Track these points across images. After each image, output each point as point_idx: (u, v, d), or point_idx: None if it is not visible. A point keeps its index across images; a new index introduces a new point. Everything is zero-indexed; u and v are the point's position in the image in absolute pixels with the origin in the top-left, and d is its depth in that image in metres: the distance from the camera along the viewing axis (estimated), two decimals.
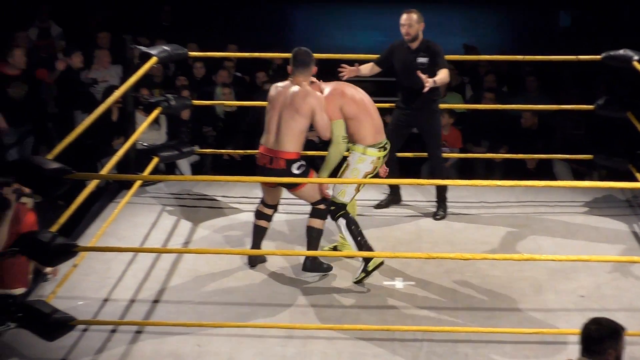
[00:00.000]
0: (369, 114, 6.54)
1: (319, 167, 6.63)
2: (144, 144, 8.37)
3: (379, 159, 6.55)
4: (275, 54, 9.42)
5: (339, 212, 6.50)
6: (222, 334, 5.68)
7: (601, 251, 6.88)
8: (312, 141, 9.20)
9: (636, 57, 7.56)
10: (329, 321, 5.89)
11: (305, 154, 6.80)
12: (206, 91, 10.77)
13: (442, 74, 7.26)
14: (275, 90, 6.53)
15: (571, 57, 8.04)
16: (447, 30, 14.28)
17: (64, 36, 11.89)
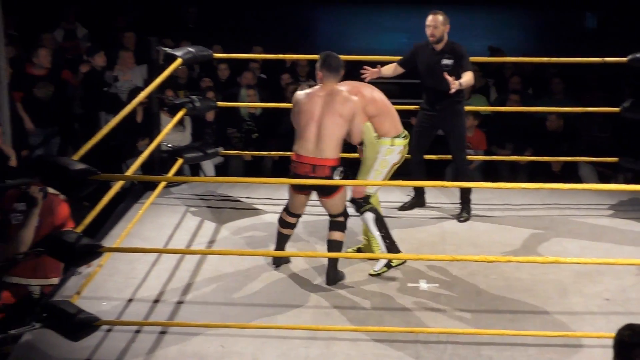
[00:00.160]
0: (387, 109, 6.57)
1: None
2: (169, 145, 8.39)
3: (405, 148, 6.61)
4: (300, 55, 9.42)
5: (365, 206, 6.52)
6: (246, 335, 5.68)
7: (626, 254, 6.83)
8: None
9: None
10: (353, 322, 5.89)
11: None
12: (231, 93, 10.80)
13: (467, 77, 7.25)
14: (305, 96, 6.35)
15: (597, 59, 8.02)
16: (472, 32, 14.25)
17: (89, 38, 11.95)
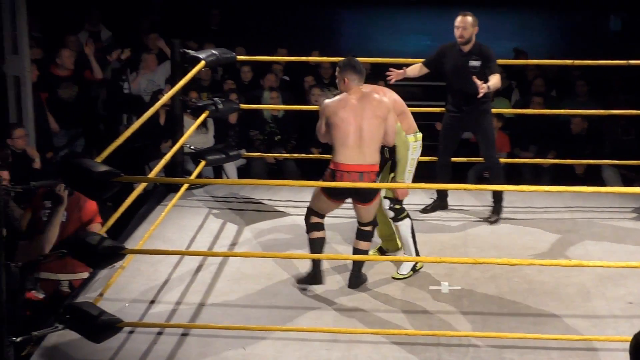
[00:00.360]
0: (405, 107, 6.54)
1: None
2: (192, 148, 8.42)
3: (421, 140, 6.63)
4: (323, 58, 9.43)
5: (403, 213, 6.51)
6: (268, 337, 5.69)
7: None
8: None
9: None
10: (374, 325, 5.88)
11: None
12: (253, 95, 10.82)
13: (495, 79, 7.20)
14: (338, 105, 6.12)
15: (621, 61, 7.99)
16: (496, 34, 14.22)
17: (113, 40, 12.00)
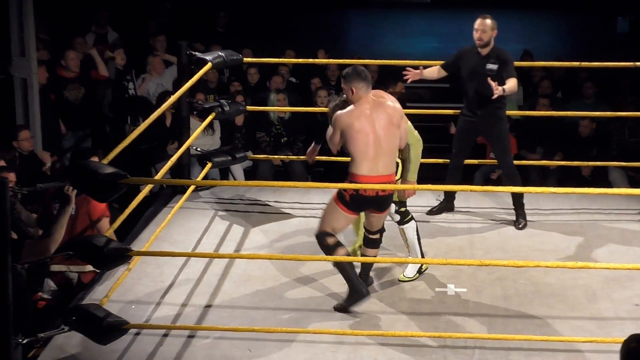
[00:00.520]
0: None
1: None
2: (198, 149, 8.43)
3: None
4: (330, 60, 9.43)
5: (408, 216, 6.52)
6: (274, 339, 5.69)
7: None
8: None
9: None
10: (380, 327, 5.88)
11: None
12: (260, 97, 10.82)
13: (511, 83, 7.18)
14: (352, 117, 5.87)
15: (628, 63, 7.99)
16: (504, 35, 14.20)
17: (120, 42, 12.02)
